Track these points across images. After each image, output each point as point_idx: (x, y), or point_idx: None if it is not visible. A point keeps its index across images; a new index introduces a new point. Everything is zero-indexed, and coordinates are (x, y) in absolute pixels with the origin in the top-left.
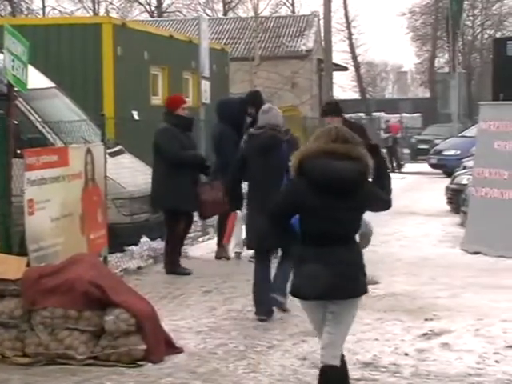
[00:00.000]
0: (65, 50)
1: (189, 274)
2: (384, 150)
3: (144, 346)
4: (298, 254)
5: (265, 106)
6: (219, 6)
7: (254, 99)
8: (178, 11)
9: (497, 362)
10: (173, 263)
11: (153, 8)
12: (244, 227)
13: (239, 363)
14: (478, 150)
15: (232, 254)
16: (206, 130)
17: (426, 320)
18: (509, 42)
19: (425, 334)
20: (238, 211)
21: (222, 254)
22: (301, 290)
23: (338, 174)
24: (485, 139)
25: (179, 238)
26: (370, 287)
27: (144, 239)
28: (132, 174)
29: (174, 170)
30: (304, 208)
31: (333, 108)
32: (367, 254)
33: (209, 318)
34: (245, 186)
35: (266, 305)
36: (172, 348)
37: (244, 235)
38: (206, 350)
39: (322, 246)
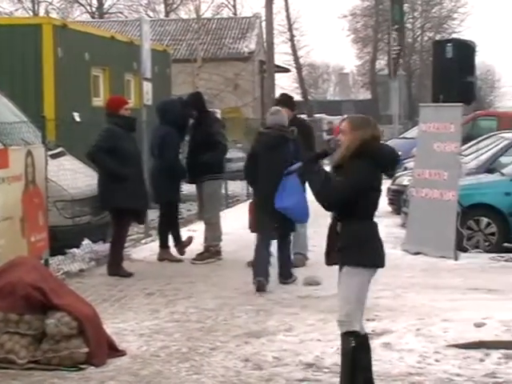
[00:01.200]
0: (4, 50)
1: (130, 276)
2: None
3: (86, 349)
4: (366, 229)
5: (273, 109)
6: (161, 8)
7: (196, 101)
8: (120, 12)
9: (437, 361)
10: (117, 265)
11: (94, 9)
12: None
13: (182, 365)
14: (418, 151)
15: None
16: (148, 131)
17: (368, 320)
18: (448, 44)
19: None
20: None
21: (164, 255)
22: (382, 260)
23: (394, 153)
24: (425, 140)
25: (125, 240)
26: (311, 288)
27: (86, 242)
28: (73, 176)
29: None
30: (373, 187)
31: (284, 100)
32: (310, 254)
33: (151, 321)
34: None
35: (263, 272)
36: (114, 351)
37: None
38: (148, 353)
39: (373, 220)
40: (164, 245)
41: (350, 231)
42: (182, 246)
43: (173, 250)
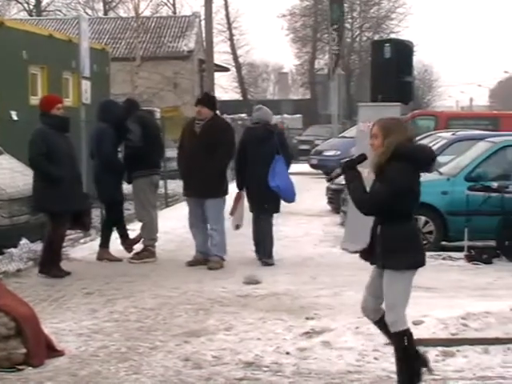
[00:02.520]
0: None
1: (65, 275)
2: None
3: (24, 350)
4: (408, 231)
5: (257, 106)
6: (99, 6)
7: (130, 107)
8: (58, 10)
9: (376, 359)
10: (51, 265)
11: (31, 7)
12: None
13: (121, 365)
14: (357, 150)
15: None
16: (87, 130)
17: (308, 319)
18: (386, 44)
19: (306, 333)
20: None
21: (104, 255)
22: (424, 258)
23: (430, 153)
24: (364, 140)
25: (62, 240)
26: (251, 287)
27: (23, 241)
28: (11, 175)
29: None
30: (413, 189)
31: (205, 99)
32: (250, 253)
33: (90, 321)
34: None
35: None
36: (53, 351)
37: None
38: (87, 353)
39: (412, 220)
40: (104, 244)
41: (392, 234)
42: (129, 243)
43: (115, 250)
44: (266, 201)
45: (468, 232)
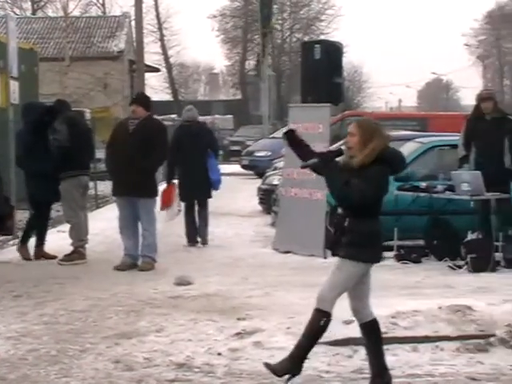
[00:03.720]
0: None
1: None
2: None
3: None
4: (375, 227)
5: (188, 107)
6: (27, 5)
7: (60, 107)
8: None
9: (307, 358)
10: None
11: None
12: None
13: (51, 368)
14: (287, 151)
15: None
16: (16, 131)
17: (239, 319)
18: (316, 45)
19: (238, 334)
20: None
21: (20, 251)
22: (381, 256)
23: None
24: None
25: None
26: (182, 288)
27: None
28: None
29: None
30: (387, 189)
31: (140, 98)
32: (181, 254)
33: (19, 324)
34: None
35: (193, 237)
36: None
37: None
38: (16, 356)
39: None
40: (24, 241)
41: (360, 229)
42: (40, 252)
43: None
44: (202, 190)
45: (397, 231)
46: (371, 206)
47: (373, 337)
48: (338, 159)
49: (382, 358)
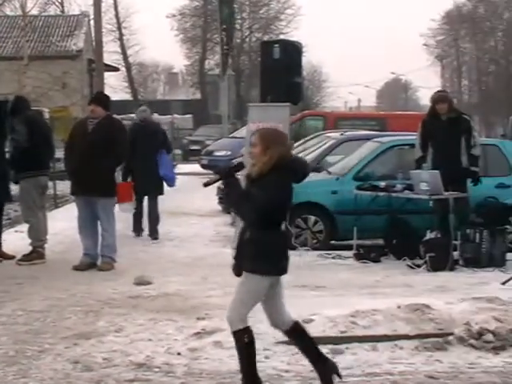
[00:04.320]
0: None
1: None
2: None
3: None
4: (275, 239)
5: (142, 107)
6: None
7: (18, 104)
8: None
9: (267, 357)
10: None
11: None
12: None
13: (9, 369)
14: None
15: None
16: None
17: (199, 319)
18: (275, 45)
19: (197, 333)
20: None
21: None
22: (283, 268)
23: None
24: None
25: None
26: (142, 287)
27: None
28: None
29: None
30: (290, 198)
31: (98, 98)
32: (140, 254)
33: None
34: None
35: (138, 228)
36: None
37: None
38: None
39: (280, 229)
40: None
41: (259, 240)
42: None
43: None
44: (154, 186)
45: (357, 231)
46: (271, 215)
47: (300, 338)
48: (241, 173)
49: (318, 349)
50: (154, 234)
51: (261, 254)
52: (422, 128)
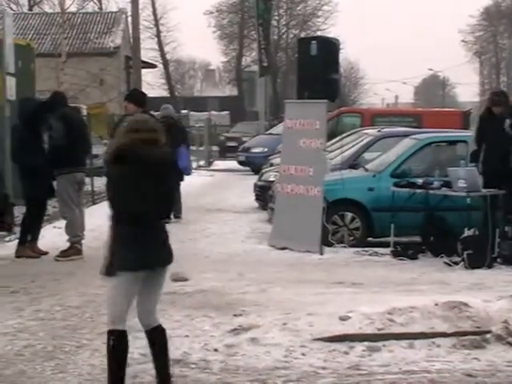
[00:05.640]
0: None
1: None
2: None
3: None
4: (125, 232)
5: (164, 105)
6: (24, 1)
7: (55, 101)
8: None
9: (303, 354)
10: None
11: None
12: None
13: (47, 364)
14: (284, 147)
15: None
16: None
17: (235, 316)
18: (313, 41)
19: (233, 330)
20: None
21: (21, 252)
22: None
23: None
24: (291, 137)
25: None
26: (178, 284)
27: None
28: None
29: None
30: (137, 191)
31: (131, 95)
32: (176, 250)
33: (15, 319)
34: None
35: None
36: None
37: None
38: (12, 352)
39: (139, 223)
40: (22, 241)
41: (117, 235)
42: (34, 247)
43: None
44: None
45: (394, 228)
46: (121, 208)
47: (157, 344)
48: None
49: (168, 366)
50: (177, 214)
51: (117, 249)
52: (478, 123)
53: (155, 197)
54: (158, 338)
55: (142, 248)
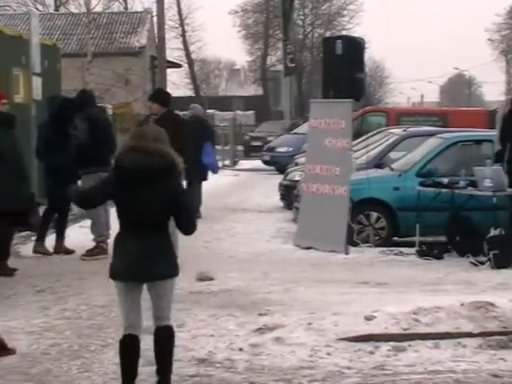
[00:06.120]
0: None
1: (12, 273)
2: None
3: None
4: (118, 239)
5: (192, 105)
6: (50, 1)
7: (81, 99)
8: (8, 6)
9: (328, 354)
10: None
11: None
12: None
13: (73, 363)
14: (309, 146)
15: None
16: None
17: (260, 315)
18: (338, 41)
19: (258, 329)
20: None
21: (38, 248)
22: (117, 273)
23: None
24: (316, 136)
25: (8, 238)
26: (203, 283)
27: None
28: None
29: None
30: (118, 197)
31: (155, 95)
32: (201, 250)
33: (41, 318)
34: None
35: None
36: (3, 349)
37: None
38: (38, 351)
39: (125, 230)
40: (40, 237)
41: None
42: (60, 247)
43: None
44: (199, 173)
45: (419, 227)
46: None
47: (158, 344)
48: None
49: (166, 367)
50: (196, 214)
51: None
52: (502, 122)
53: (143, 206)
54: (159, 339)
55: (119, 258)
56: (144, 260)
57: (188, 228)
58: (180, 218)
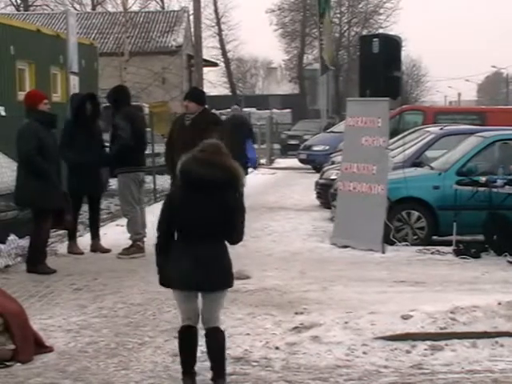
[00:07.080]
0: None
1: (52, 272)
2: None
3: (12, 346)
4: (175, 248)
5: (233, 106)
6: (87, 1)
7: (113, 94)
8: (46, 5)
9: (365, 353)
10: (36, 262)
11: (19, 1)
12: None
13: (110, 361)
14: (345, 145)
15: None
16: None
17: (297, 314)
18: (374, 39)
19: (295, 328)
20: None
21: (72, 249)
22: (171, 281)
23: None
24: (352, 135)
25: (46, 237)
26: (240, 282)
27: (12, 237)
28: None
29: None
30: (182, 209)
31: (191, 93)
32: (238, 248)
33: (79, 316)
34: None
35: None
36: (41, 347)
37: None
38: (76, 349)
39: (181, 239)
40: (72, 237)
41: None
42: (96, 245)
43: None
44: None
45: (456, 226)
46: (174, 224)
47: (210, 345)
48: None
49: (220, 366)
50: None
51: None
52: None
53: (199, 215)
54: (211, 340)
55: (176, 268)
56: (201, 271)
57: (236, 241)
58: (231, 231)
